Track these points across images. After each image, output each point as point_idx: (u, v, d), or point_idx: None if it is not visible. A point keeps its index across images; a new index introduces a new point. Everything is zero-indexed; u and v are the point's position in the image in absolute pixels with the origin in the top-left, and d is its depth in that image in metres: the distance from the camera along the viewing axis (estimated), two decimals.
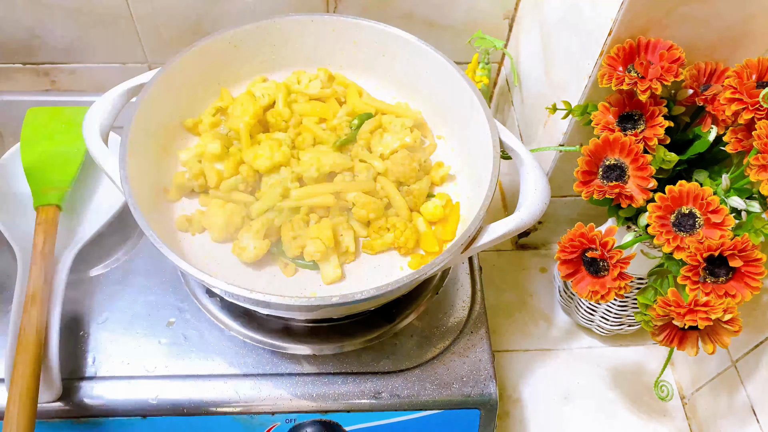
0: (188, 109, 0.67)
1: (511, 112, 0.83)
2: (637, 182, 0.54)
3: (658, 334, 0.53)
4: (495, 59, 0.87)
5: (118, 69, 0.85)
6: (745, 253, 0.49)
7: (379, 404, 0.61)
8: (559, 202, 0.77)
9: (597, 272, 0.53)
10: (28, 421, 0.52)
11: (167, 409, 0.60)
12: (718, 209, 0.50)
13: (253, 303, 0.53)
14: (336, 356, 0.63)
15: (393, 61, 0.70)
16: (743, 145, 0.52)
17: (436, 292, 0.69)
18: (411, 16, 0.80)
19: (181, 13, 0.78)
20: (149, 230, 0.52)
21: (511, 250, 0.87)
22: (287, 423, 0.61)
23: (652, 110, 0.55)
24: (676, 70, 0.53)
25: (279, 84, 0.68)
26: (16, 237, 0.66)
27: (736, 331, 0.50)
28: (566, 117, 0.62)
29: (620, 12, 0.54)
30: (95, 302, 0.66)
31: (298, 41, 0.70)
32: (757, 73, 0.54)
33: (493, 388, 0.62)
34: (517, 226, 0.56)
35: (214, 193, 0.62)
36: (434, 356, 0.64)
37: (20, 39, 0.81)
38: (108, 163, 0.57)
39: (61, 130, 0.74)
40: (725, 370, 0.69)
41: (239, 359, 0.63)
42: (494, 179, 0.57)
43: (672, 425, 0.75)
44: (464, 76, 0.64)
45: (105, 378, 0.61)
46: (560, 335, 0.80)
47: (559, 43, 0.67)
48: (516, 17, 0.81)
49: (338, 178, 0.62)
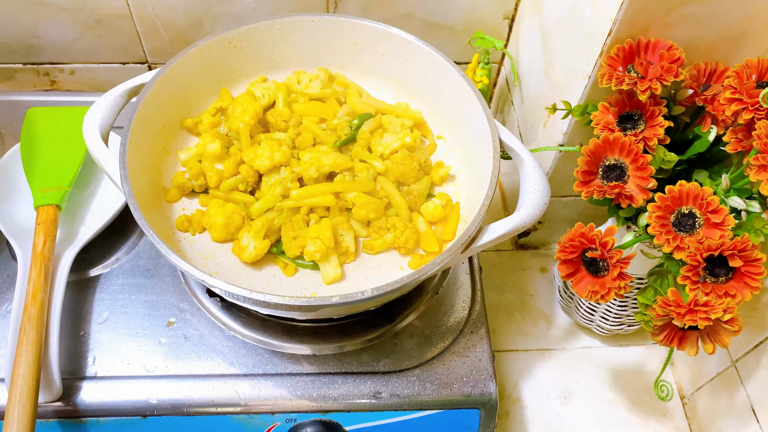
0: (188, 109, 0.67)
1: (511, 112, 0.83)
2: (637, 182, 0.54)
3: (658, 334, 0.53)
4: (495, 59, 0.87)
5: (118, 69, 0.85)
6: (745, 253, 0.49)
7: (379, 404, 0.61)
8: (559, 202, 0.77)
9: (597, 272, 0.53)
10: (28, 421, 0.52)
11: (167, 409, 0.60)
12: (718, 209, 0.50)
13: (253, 303, 0.53)
14: (336, 356, 0.63)
15: (393, 61, 0.70)
16: (743, 145, 0.52)
17: (436, 292, 0.69)
18: (411, 16, 0.80)
19: (181, 13, 0.78)
20: (149, 230, 0.52)
21: (511, 250, 0.87)
22: (287, 423, 0.61)
23: (652, 110, 0.55)
24: (676, 70, 0.53)
25: (279, 84, 0.68)
26: (17, 237, 0.66)
27: (736, 331, 0.50)
28: (566, 117, 0.62)
29: (620, 12, 0.54)
30: (95, 302, 0.66)
31: (298, 41, 0.70)
32: (756, 73, 0.54)
33: (493, 388, 0.62)
34: (517, 226, 0.56)
35: (214, 193, 0.62)
36: (434, 356, 0.64)
37: (20, 39, 0.81)
38: (108, 163, 0.57)
39: (61, 130, 0.74)
40: (725, 370, 0.69)
41: (239, 359, 0.63)
42: (494, 179, 0.57)
43: (672, 425, 0.75)
44: (464, 76, 0.64)
45: (105, 378, 0.61)
46: (560, 335, 0.80)
47: (559, 43, 0.67)
48: (516, 17, 0.81)
49: (338, 178, 0.62)
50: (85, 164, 0.72)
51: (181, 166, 0.64)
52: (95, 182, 0.74)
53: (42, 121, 0.75)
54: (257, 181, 0.63)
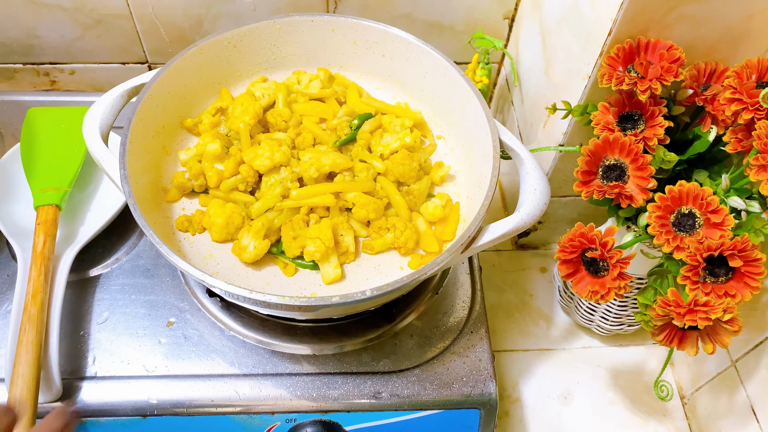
0: (188, 109, 0.67)
1: (511, 112, 0.83)
2: (636, 182, 0.54)
3: (658, 334, 0.53)
4: (495, 59, 0.87)
5: (118, 69, 0.85)
6: (744, 253, 0.49)
7: (379, 404, 0.61)
8: (559, 202, 0.77)
9: (597, 272, 0.53)
10: (28, 421, 0.52)
11: (167, 409, 0.60)
12: (718, 209, 0.50)
13: (253, 303, 0.53)
14: (336, 356, 0.63)
15: (393, 61, 0.70)
16: (743, 145, 0.52)
17: (436, 292, 0.69)
18: (411, 16, 0.80)
19: (181, 13, 0.78)
20: (149, 230, 0.52)
21: (511, 250, 0.87)
22: (287, 423, 0.61)
23: (652, 110, 0.55)
24: (676, 70, 0.53)
25: (279, 84, 0.68)
26: (17, 237, 0.66)
27: (735, 331, 0.50)
28: (566, 117, 0.62)
29: (620, 12, 0.54)
30: (95, 302, 0.66)
31: (298, 41, 0.70)
32: (756, 73, 0.54)
33: (493, 388, 0.62)
34: (517, 226, 0.56)
35: (214, 193, 0.62)
36: (434, 356, 0.64)
37: (20, 39, 0.81)
38: (108, 163, 0.57)
39: (61, 130, 0.74)
40: (725, 370, 0.69)
41: (239, 359, 0.63)
42: (494, 179, 0.57)
43: (672, 425, 0.75)
44: (464, 76, 0.64)
45: (105, 378, 0.61)
46: (560, 335, 0.80)
47: (559, 43, 0.67)
48: (516, 17, 0.81)
49: (338, 178, 0.62)
50: (85, 164, 0.72)
51: (181, 166, 0.64)
52: (95, 182, 0.74)
53: (42, 121, 0.75)
54: (257, 181, 0.63)
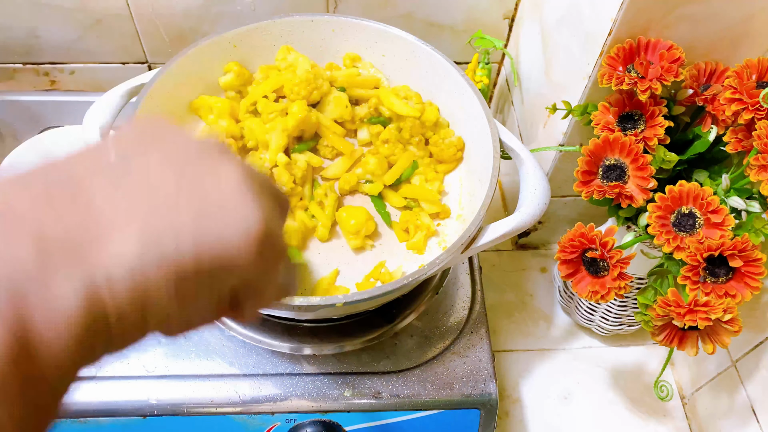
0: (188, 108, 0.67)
1: (511, 112, 0.83)
2: (637, 182, 0.54)
3: (658, 334, 0.53)
4: (495, 59, 0.87)
5: (118, 69, 0.85)
6: (745, 253, 0.49)
7: (379, 404, 0.61)
8: (559, 202, 0.77)
9: (597, 272, 0.53)
10: None
11: (167, 409, 0.60)
12: (718, 209, 0.50)
13: None
14: (336, 356, 0.63)
15: (393, 61, 0.70)
16: (743, 145, 0.52)
17: (436, 292, 0.69)
18: (411, 16, 0.80)
19: (181, 13, 0.78)
20: None
21: (511, 250, 0.87)
22: (287, 423, 0.61)
23: (652, 110, 0.55)
24: (676, 70, 0.53)
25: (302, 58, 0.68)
26: None
27: (736, 331, 0.50)
28: (566, 117, 0.62)
29: (620, 12, 0.54)
30: None
31: (298, 41, 0.70)
32: (757, 73, 0.54)
33: (493, 388, 0.62)
34: (517, 226, 0.56)
35: None
36: (434, 356, 0.64)
37: (20, 39, 0.81)
38: None
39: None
40: (725, 370, 0.69)
41: (239, 359, 0.63)
42: (494, 179, 0.57)
43: (672, 425, 0.75)
44: (464, 76, 0.64)
45: (105, 378, 0.61)
46: (560, 335, 0.80)
47: (559, 43, 0.67)
48: (516, 17, 0.81)
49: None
50: None
51: None
52: None
53: None
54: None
